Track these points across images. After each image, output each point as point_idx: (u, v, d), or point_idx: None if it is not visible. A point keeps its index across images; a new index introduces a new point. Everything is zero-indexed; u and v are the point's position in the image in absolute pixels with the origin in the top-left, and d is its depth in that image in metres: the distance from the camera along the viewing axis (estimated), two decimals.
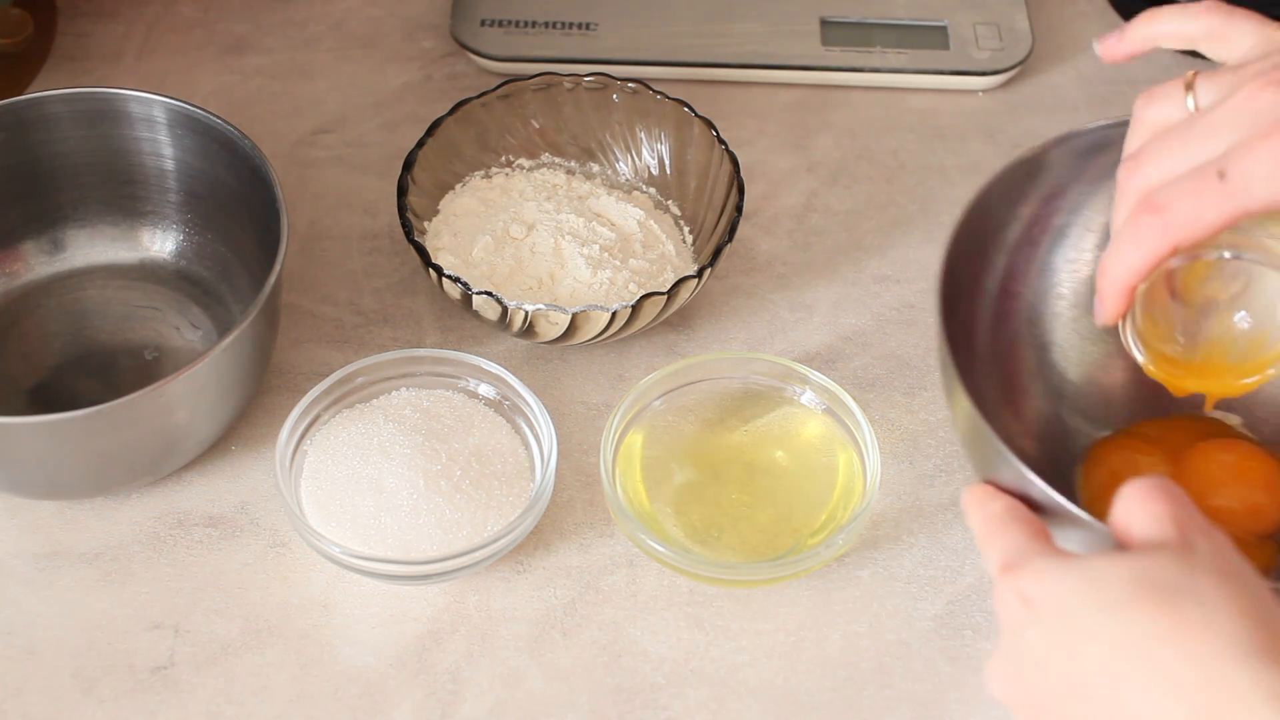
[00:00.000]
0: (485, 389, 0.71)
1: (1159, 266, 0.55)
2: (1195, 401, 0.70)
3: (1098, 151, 0.68)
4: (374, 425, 0.68)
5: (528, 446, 0.69)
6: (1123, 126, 0.63)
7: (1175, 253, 0.55)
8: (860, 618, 0.67)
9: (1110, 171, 0.67)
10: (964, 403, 0.61)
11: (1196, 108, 0.56)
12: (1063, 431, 0.72)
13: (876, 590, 0.68)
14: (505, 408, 0.70)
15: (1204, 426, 0.71)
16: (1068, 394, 0.72)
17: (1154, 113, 0.57)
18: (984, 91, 0.89)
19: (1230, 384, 0.61)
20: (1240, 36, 0.58)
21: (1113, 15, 0.94)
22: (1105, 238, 0.70)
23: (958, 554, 0.69)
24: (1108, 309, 0.58)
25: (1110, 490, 0.67)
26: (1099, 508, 0.67)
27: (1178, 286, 0.60)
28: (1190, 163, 0.54)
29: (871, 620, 0.67)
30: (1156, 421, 0.71)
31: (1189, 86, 0.56)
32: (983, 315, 0.70)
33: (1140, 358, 0.60)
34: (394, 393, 0.71)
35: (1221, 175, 0.53)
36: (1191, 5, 0.59)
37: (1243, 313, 0.59)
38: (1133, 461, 0.69)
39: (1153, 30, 0.61)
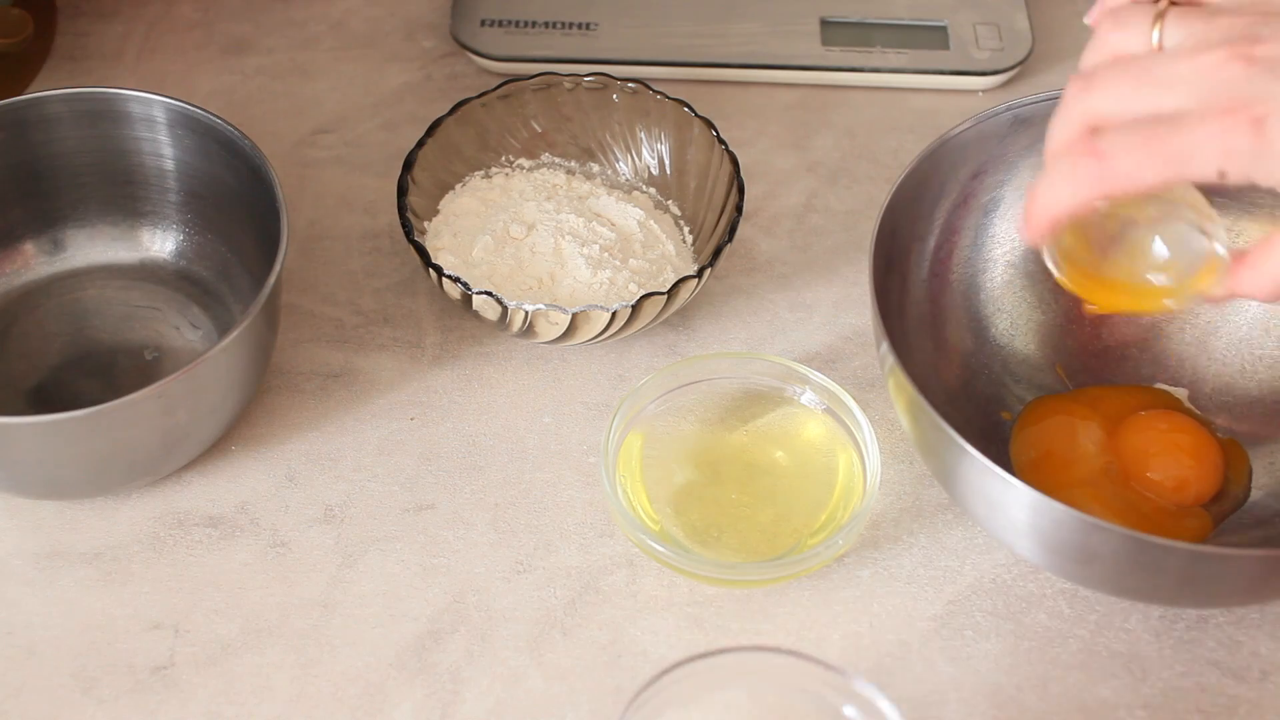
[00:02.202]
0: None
1: (1086, 206, 0.56)
2: (1133, 372, 0.73)
3: (1028, 124, 0.71)
4: None
5: None
6: (1051, 100, 0.67)
7: (1106, 199, 0.55)
8: (860, 618, 0.67)
9: (1039, 143, 0.70)
10: (890, 358, 0.63)
11: (1160, 45, 0.55)
12: (998, 390, 0.73)
13: (876, 590, 0.68)
14: None
15: (1147, 397, 0.73)
16: (1005, 355, 0.74)
17: (1117, 38, 0.56)
18: (984, 91, 0.89)
19: (1133, 303, 0.61)
20: None
21: None
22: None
23: (958, 554, 0.69)
24: (1032, 234, 0.57)
25: (1040, 448, 0.70)
26: (1027, 462, 0.69)
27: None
28: (1140, 107, 0.53)
29: (871, 620, 0.67)
30: (1100, 388, 0.73)
31: (1159, 17, 0.55)
32: (917, 278, 0.72)
33: (1056, 272, 0.61)
34: None
35: (1167, 138, 0.52)
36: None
37: (1158, 239, 0.59)
38: (1069, 425, 0.71)
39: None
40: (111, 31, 0.91)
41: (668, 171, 0.80)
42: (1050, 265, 0.61)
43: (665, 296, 0.71)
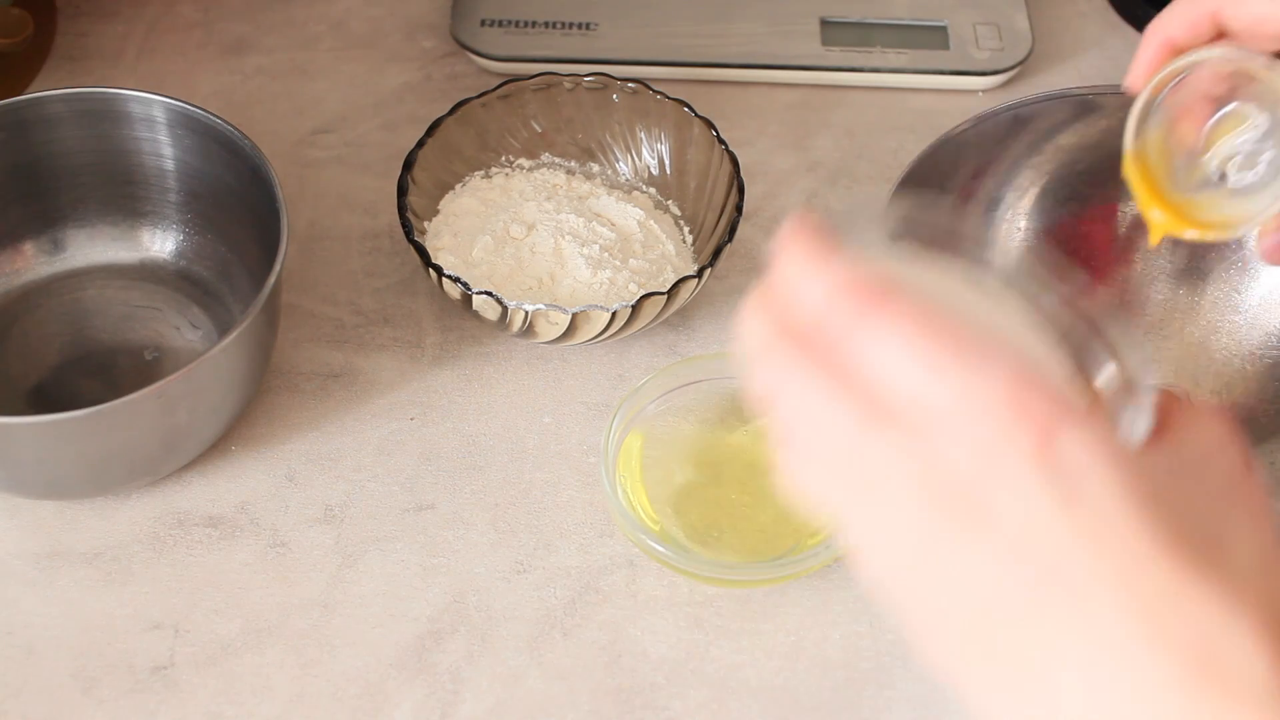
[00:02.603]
0: None
1: (1200, 30, 0.55)
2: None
3: (1028, 124, 0.71)
4: None
5: None
6: (1051, 100, 0.68)
7: (1219, 25, 0.54)
8: (860, 618, 0.67)
9: (1039, 143, 0.72)
10: None
11: None
12: None
13: None
14: None
15: None
16: None
17: None
18: (984, 91, 0.89)
19: (1178, 227, 0.60)
20: None
21: (1113, 15, 0.94)
22: (1037, 200, 0.72)
23: None
24: (1138, 59, 0.57)
25: None
26: None
27: (1213, 138, 0.59)
28: None
29: (871, 620, 0.67)
30: None
31: None
32: None
33: (1129, 141, 0.60)
34: None
35: None
36: None
37: (1240, 201, 0.59)
38: None
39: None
40: (111, 31, 0.91)
41: (668, 171, 0.80)
42: (1130, 128, 0.60)
43: (665, 296, 0.71)
